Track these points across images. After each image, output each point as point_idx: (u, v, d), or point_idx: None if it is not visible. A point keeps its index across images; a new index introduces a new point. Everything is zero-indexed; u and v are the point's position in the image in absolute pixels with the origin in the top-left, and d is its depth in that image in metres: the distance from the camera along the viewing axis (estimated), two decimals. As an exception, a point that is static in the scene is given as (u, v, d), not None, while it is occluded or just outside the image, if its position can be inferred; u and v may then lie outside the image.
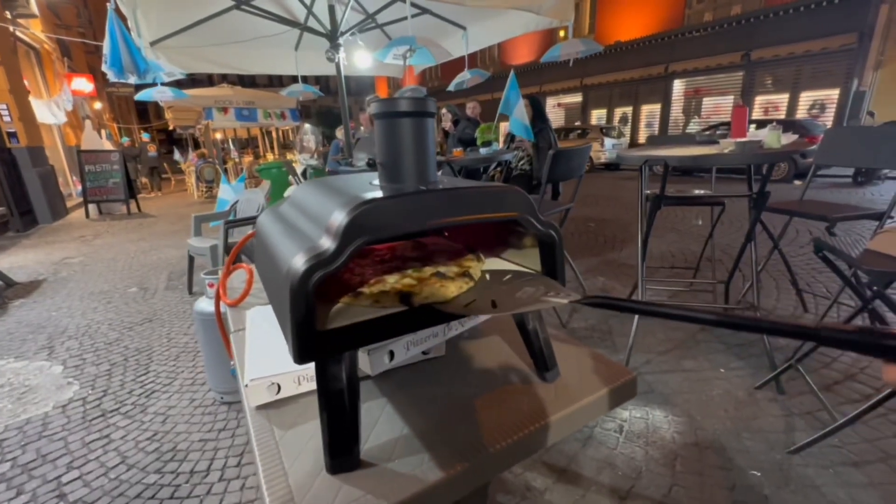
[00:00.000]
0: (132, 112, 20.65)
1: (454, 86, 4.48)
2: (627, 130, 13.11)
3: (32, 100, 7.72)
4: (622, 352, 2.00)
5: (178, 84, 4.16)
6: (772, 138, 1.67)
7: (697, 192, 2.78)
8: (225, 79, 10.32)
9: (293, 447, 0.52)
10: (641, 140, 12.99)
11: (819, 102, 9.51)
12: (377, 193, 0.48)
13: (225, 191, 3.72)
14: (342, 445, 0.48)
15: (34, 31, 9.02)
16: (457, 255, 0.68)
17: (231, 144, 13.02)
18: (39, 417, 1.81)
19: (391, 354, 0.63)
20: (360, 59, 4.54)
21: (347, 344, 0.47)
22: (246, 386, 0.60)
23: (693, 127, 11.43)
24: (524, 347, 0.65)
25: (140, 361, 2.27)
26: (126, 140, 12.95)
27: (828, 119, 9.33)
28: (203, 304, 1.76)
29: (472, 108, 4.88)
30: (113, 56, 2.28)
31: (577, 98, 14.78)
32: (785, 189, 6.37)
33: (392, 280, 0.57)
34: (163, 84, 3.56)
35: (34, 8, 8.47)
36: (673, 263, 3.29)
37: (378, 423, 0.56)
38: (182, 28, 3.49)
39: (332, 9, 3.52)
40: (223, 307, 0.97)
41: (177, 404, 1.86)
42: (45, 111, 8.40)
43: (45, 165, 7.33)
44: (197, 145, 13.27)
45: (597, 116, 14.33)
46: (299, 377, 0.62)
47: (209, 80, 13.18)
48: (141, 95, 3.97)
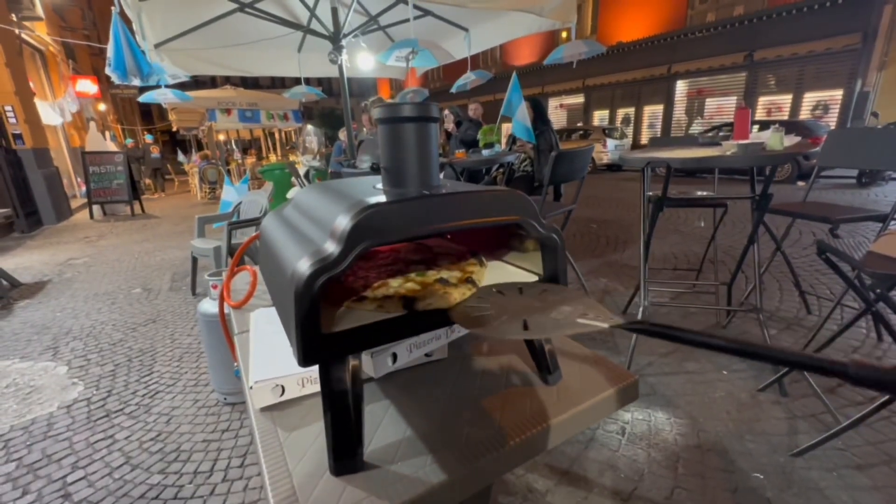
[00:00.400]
0: (136, 113, 20.76)
1: (457, 87, 4.49)
2: (630, 131, 13.10)
3: (37, 101, 7.78)
4: (624, 353, 2.00)
5: (182, 86, 4.18)
6: (774, 140, 1.66)
7: (700, 194, 2.78)
8: (228, 80, 10.35)
9: (297, 448, 0.53)
10: (644, 141, 12.97)
11: (822, 103, 9.48)
12: (381, 198, 0.48)
13: (228, 192, 3.74)
14: (346, 447, 0.48)
15: (39, 34, 9.09)
16: (459, 259, 0.68)
17: (234, 146, 13.07)
18: (44, 417, 1.83)
19: (394, 357, 0.64)
20: (363, 61, 4.55)
21: (351, 347, 0.48)
22: (251, 388, 0.60)
23: (696, 128, 11.40)
24: (526, 349, 0.65)
25: (144, 362, 2.28)
26: (130, 141, 13.02)
27: (831, 120, 9.30)
28: (206, 306, 1.77)
29: (474, 110, 4.89)
30: (117, 59, 2.30)
31: (580, 99, 14.77)
32: (788, 190, 6.35)
33: (395, 284, 0.58)
34: (167, 86, 3.58)
35: (39, 11, 8.53)
36: (675, 265, 3.28)
37: (381, 425, 0.57)
38: (186, 30, 3.51)
39: (335, 11, 3.53)
40: (227, 309, 0.98)
41: (180, 405, 1.87)
42: (50, 113, 8.45)
43: (50, 167, 7.38)
44: (200, 146, 13.34)
45: (599, 117, 14.32)
46: (303, 379, 0.63)
47: (212, 82, 13.23)
48: (145, 97, 3.99)
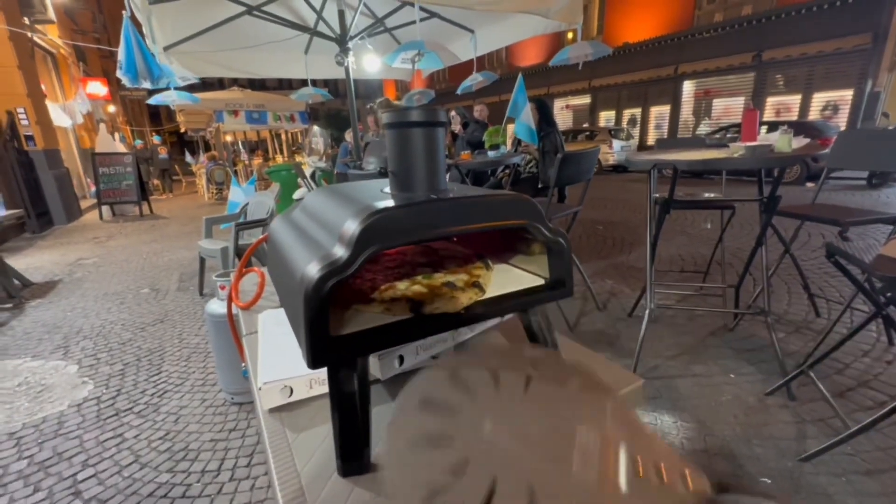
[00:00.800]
0: (145, 115, 20.98)
1: (462, 89, 4.50)
2: (636, 132, 13.03)
3: (49, 103, 7.89)
4: (630, 356, 1.99)
5: (190, 88, 4.22)
6: (783, 142, 1.65)
7: (707, 196, 2.76)
8: (236, 82, 10.43)
9: (305, 449, 0.53)
10: (650, 142, 12.90)
11: (832, 104, 9.37)
12: (389, 202, 0.49)
13: (236, 193, 3.77)
14: (353, 449, 0.49)
15: (51, 37, 9.22)
16: (466, 262, 0.69)
17: (241, 147, 13.17)
18: (55, 416, 1.85)
19: (401, 359, 0.64)
20: (369, 63, 4.57)
21: (359, 349, 0.48)
22: (259, 389, 0.61)
23: (703, 128, 11.32)
24: (532, 353, 0.66)
25: (153, 362, 2.30)
26: (139, 143, 13.17)
27: (841, 120, 9.19)
28: (214, 306, 1.79)
29: (480, 111, 4.89)
30: (128, 63, 2.33)
31: (586, 100, 14.72)
32: (797, 191, 6.28)
33: (402, 286, 0.58)
34: (176, 88, 3.62)
35: (51, 14, 8.66)
36: (682, 267, 3.26)
37: (388, 427, 0.57)
38: (195, 33, 3.55)
39: (342, 14, 3.55)
40: (235, 309, 0.99)
41: (188, 404, 1.89)
42: (61, 114, 8.57)
43: (61, 168, 7.48)
44: (208, 148, 13.45)
45: (605, 118, 14.26)
46: (311, 381, 0.63)
47: (220, 84, 13.36)
48: (154, 99, 4.04)
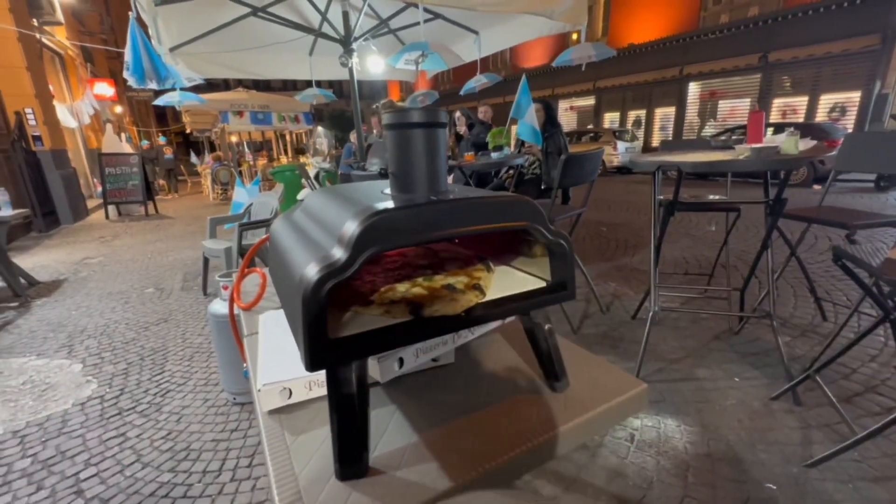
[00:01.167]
0: (151, 115, 21.14)
1: (465, 90, 4.50)
2: (641, 134, 12.97)
3: (56, 104, 7.96)
4: (633, 359, 1.98)
5: (196, 88, 4.25)
6: (789, 144, 1.64)
7: (712, 198, 2.74)
8: (241, 83, 10.49)
9: (304, 452, 0.53)
10: (655, 143, 12.84)
11: (840, 105, 9.29)
12: (388, 203, 0.48)
13: (240, 194, 3.79)
14: (352, 452, 0.48)
15: (59, 38, 9.30)
16: (467, 263, 0.68)
17: (246, 147, 13.23)
18: (59, 414, 1.86)
19: (401, 361, 0.64)
20: (373, 64, 4.58)
21: (358, 352, 0.48)
22: (259, 390, 0.61)
23: (709, 130, 11.25)
24: (534, 355, 0.65)
25: (156, 361, 2.31)
26: (145, 143, 13.26)
27: (849, 122, 9.11)
28: (217, 306, 1.79)
29: (484, 112, 4.88)
30: (135, 64, 2.35)
31: (590, 101, 14.68)
32: (803, 194, 6.23)
33: (402, 288, 0.58)
34: (182, 89, 3.64)
35: (59, 15, 8.74)
36: (687, 269, 3.24)
37: (387, 431, 0.57)
38: (200, 35, 3.57)
39: (347, 15, 3.56)
40: (237, 310, 0.99)
41: (191, 404, 1.90)
42: (68, 115, 8.65)
43: (68, 168, 7.54)
44: (213, 148, 13.53)
45: (609, 119, 14.21)
46: (310, 382, 0.63)
47: (225, 85, 13.43)
48: (160, 100, 4.07)
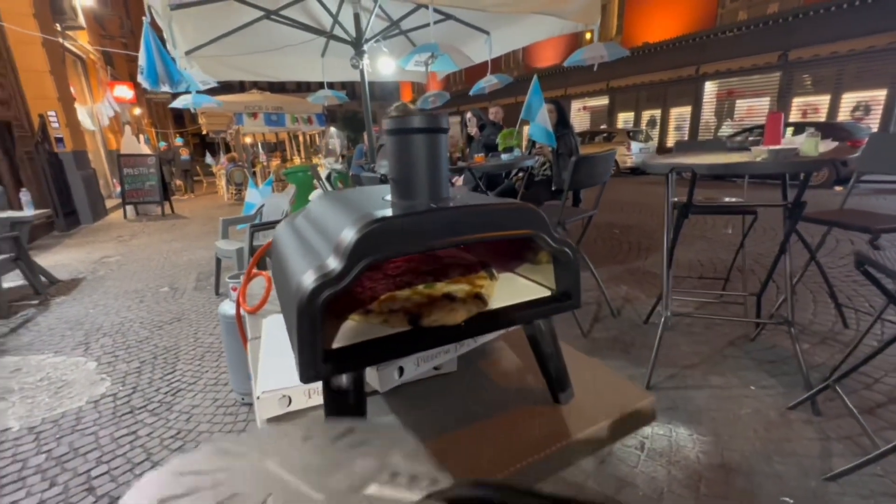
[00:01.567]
0: (169, 117, 21.56)
1: (475, 90, 4.47)
2: (655, 134, 12.78)
3: (77, 106, 8.17)
4: (645, 365, 1.94)
5: (211, 91, 4.32)
6: (808, 146, 1.58)
7: (728, 200, 2.67)
8: (255, 85, 10.65)
9: (300, 463, 0.52)
10: (670, 143, 12.63)
11: (863, 104, 9.02)
12: (387, 212, 0.47)
13: (252, 195, 3.83)
14: (347, 465, 0.47)
15: (81, 42, 9.55)
16: (470, 270, 0.67)
17: (260, 148, 13.41)
18: (73, 412, 1.90)
19: (401, 370, 0.63)
20: (384, 66, 4.59)
21: (354, 363, 0.47)
22: (258, 398, 0.60)
23: (726, 130, 11.03)
24: (537, 365, 0.63)
25: (168, 360, 2.35)
26: (163, 144, 13.54)
27: (873, 121, 8.83)
28: (227, 307, 1.81)
29: (495, 113, 4.86)
30: (149, 67, 2.39)
31: (603, 101, 14.52)
32: (825, 195, 6.05)
33: (402, 296, 0.57)
34: (197, 92, 3.71)
35: (82, 20, 8.98)
36: (701, 273, 3.17)
37: (385, 442, 0.55)
38: (214, 38, 3.62)
39: (358, 17, 3.58)
40: (243, 312, 1.00)
41: (200, 403, 1.92)
42: (89, 117, 8.87)
43: (88, 169, 7.74)
44: (228, 149, 13.74)
45: (623, 119, 14.04)
46: (309, 390, 0.62)
47: (240, 87, 13.62)
48: (176, 103, 4.15)
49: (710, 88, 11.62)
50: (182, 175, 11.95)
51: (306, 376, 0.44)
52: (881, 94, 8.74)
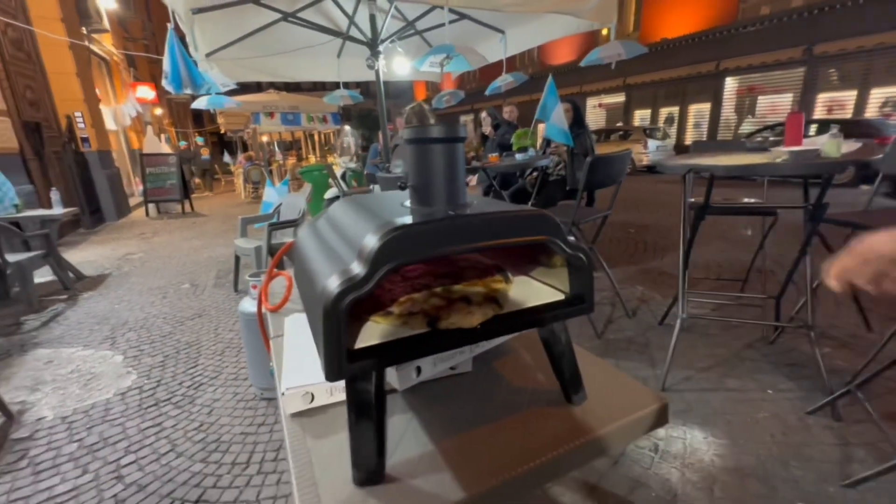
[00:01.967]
0: (188, 116, 22.03)
1: (491, 90, 4.47)
2: (673, 132, 12.55)
3: (102, 107, 8.42)
4: (660, 366, 1.93)
5: (230, 91, 4.42)
6: (830, 147, 1.55)
7: (747, 201, 2.62)
8: (272, 85, 10.82)
9: (323, 456, 0.55)
10: (688, 142, 12.39)
11: (893, 100, 8.70)
12: (407, 219, 0.50)
13: (269, 194, 3.90)
14: (368, 458, 0.50)
15: (106, 45, 9.83)
16: (485, 274, 0.69)
17: (276, 147, 13.63)
18: (102, 403, 1.99)
19: (418, 370, 0.65)
20: (399, 66, 4.62)
21: (376, 363, 0.49)
22: (282, 394, 0.63)
23: (746, 127, 10.76)
24: (551, 367, 0.65)
25: (190, 355, 2.43)
26: (184, 144, 13.86)
27: (902, 118, 8.51)
28: (247, 304, 1.86)
29: (510, 112, 4.85)
30: (173, 72, 2.48)
31: (620, 98, 14.31)
32: (849, 195, 5.86)
33: (420, 299, 0.59)
34: (217, 93, 3.80)
35: (106, 23, 9.24)
36: (719, 274, 3.12)
37: (404, 438, 0.58)
38: (234, 40, 3.70)
39: (374, 18, 3.61)
40: (264, 310, 1.03)
41: (221, 397, 1.98)
42: (113, 118, 9.14)
43: (112, 168, 7.97)
44: (245, 148, 13.99)
45: (640, 117, 13.81)
46: (332, 388, 0.65)
47: (258, 87, 13.83)
48: (197, 104, 4.26)
49: (731, 85, 11.34)
50: (201, 174, 12.22)
51: (331, 375, 0.46)
52: (912, 90, 8.42)
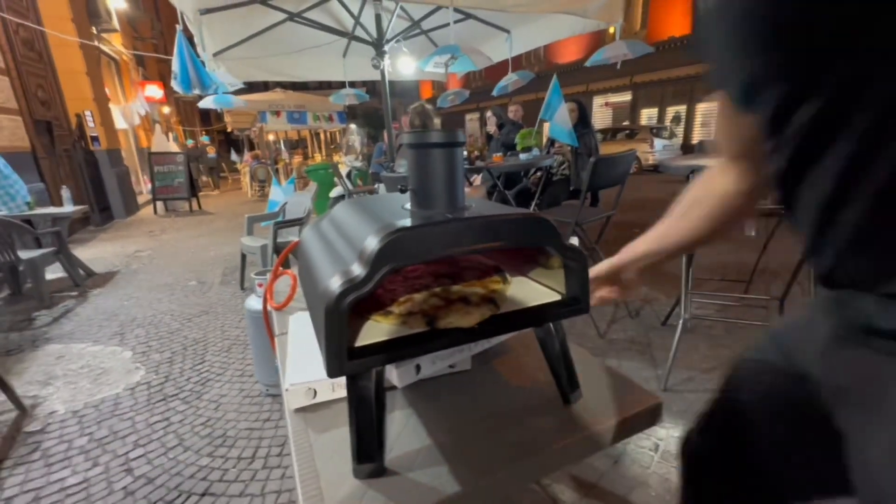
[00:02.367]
0: (195, 115, 22.20)
1: (498, 90, 4.47)
2: (680, 131, 12.47)
3: (111, 106, 8.53)
4: (662, 367, 1.93)
5: (237, 90, 4.47)
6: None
7: (752, 201, 2.60)
8: (279, 84, 10.89)
9: (325, 450, 0.57)
10: (696, 141, 12.30)
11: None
12: (406, 222, 0.51)
13: (275, 193, 3.95)
14: (369, 453, 0.52)
15: (115, 44, 9.94)
16: (484, 274, 0.70)
17: (282, 145, 13.71)
18: (112, 398, 2.03)
19: (418, 368, 0.67)
20: (404, 66, 4.64)
21: (376, 360, 0.51)
22: (286, 390, 0.65)
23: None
24: (547, 366, 0.66)
25: (197, 351, 2.46)
26: (191, 142, 13.99)
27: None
28: (253, 302, 1.89)
29: (515, 112, 4.85)
30: (182, 73, 2.51)
31: (626, 97, 14.24)
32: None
33: (419, 299, 0.61)
34: (224, 93, 3.84)
35: (116, 23, 9.34)
36: (724, 275, 3.11)
37: (403, 433, 0.60)
38: (241, 40, 3.74)
39: (379, 18, 3.63)
40: (269, 308, 1.06)
41: (227, 393, 2.01)
42: (122, 116, 9.24)
43: (121, 166, 8.07)
44: (252, 146, 14.09)
45: (647, 116, 13.74)
46: (333, 384, 0.67)
47: (264, 86, 13.93)
48: (204, 103, 4.31)
49: (739, 83, 11.23)
50: (209, 172, 12.33)
51: (333, 372, 0.48)
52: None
